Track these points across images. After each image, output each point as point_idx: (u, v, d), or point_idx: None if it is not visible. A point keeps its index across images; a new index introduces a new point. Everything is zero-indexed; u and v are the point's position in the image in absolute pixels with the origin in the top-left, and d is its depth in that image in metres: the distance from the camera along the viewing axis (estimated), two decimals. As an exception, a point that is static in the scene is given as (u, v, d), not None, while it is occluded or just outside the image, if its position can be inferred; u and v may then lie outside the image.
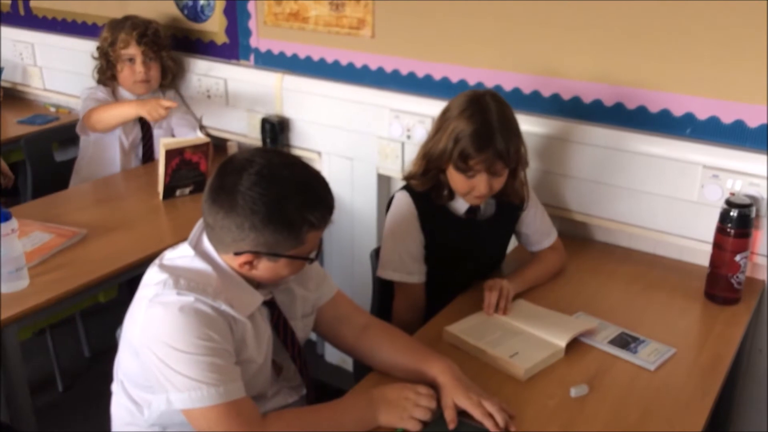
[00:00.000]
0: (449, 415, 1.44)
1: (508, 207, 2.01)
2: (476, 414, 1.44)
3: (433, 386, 1.50)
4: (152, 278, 1.41)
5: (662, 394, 1.58)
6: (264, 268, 1.43)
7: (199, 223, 1.48)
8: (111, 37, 2.78)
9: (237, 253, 1.40)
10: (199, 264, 1.43)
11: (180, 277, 1.38)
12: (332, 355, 2.98)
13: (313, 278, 1.64)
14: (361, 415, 1.44)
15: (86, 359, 3.00)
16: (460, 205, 1.96)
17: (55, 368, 2.84)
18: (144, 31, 2.77)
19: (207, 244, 1.46)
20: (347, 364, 2.79)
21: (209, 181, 1.42)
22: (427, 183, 1.92)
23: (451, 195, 1.94)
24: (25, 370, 1.92)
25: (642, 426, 1.48)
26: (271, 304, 1.53)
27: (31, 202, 2.63)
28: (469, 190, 1.87)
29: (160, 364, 1.34)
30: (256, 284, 1.49)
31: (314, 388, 1.69)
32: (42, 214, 2.36)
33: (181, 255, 1.46)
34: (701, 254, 2.04)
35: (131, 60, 2.78)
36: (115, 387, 1.53)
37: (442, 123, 1.87)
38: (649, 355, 1.69)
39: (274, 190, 1.35)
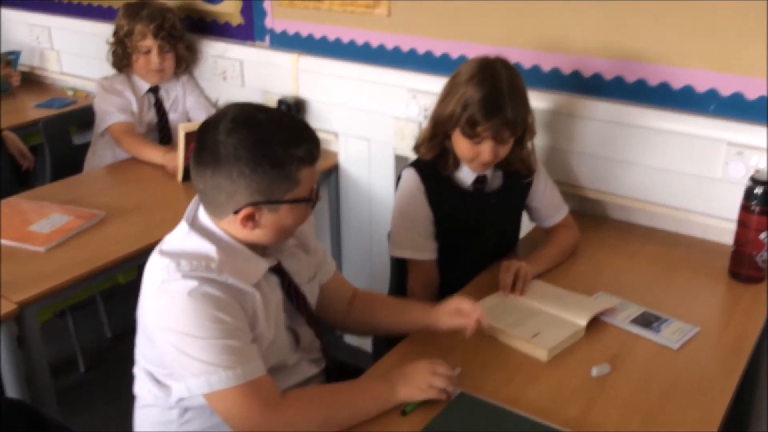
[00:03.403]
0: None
1: (516, 178, 1.99)
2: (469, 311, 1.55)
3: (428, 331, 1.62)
4: (154, 265, 1.40)
5: (685, 374, 1.56)
6: (267, 221, 1.40)
7: (195, 199, 1.47)
8: (128, 27, 2.77)
9: (236, 212, 1.37)
10: (197, 240, 1.40)
11: (181, 259, 1.36)
12: (351, 336, 2.98)
13: (312, 241, 1.65)
14: (380, 393, 1.43)
15: (107, 340, 3.03)
16: (467, 177, 1.94)
17: (76, 349, 2.87)
18: (161, 24, 2.76)
19: (204, 218, 1.44)
20: (366, 345, 2.79)
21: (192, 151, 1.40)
22: (434, 149, 1.91)
23: (457, 164, 1.92)
24: (45, 352, 1.93)
25: (664, 406, 1.47)
26: (279, 271, 1.51)
27: (50, 185, 2.64)
28: (474, 157, 1.85)
29: (175, 351, 1.34)
30: (261, 253, 1.47)
31: (334, 368, 1.69)
32: (60, 197, 2.37)
33: (178, 235, 1.44)
34: (725, 233, 2.00)
35: (147, 51, 2.78)
36: (137, 370, 1.53)
37: (451, 87, 1.85)
38: (672, 334, 1.67)
39: (253, 132, 1.34)
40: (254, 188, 1.35)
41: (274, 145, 1.34)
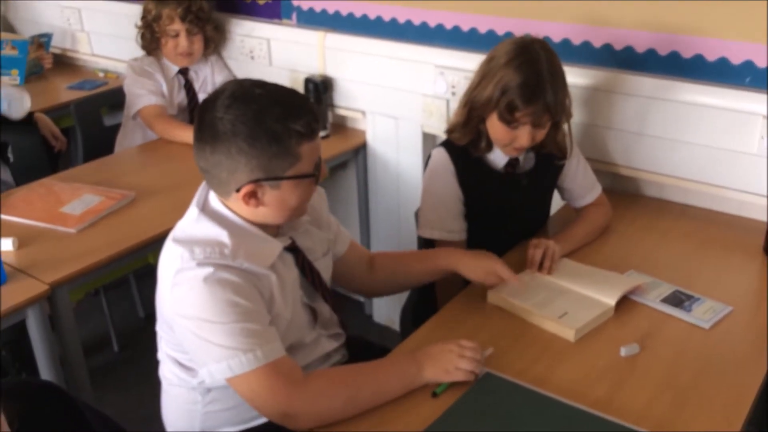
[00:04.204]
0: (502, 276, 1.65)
1: (548, 160, 1.95)
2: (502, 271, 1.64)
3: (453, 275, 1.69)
4: (169, 254, 1.40)
5: (717, 354, 1.53)
6: (271, 199, 1.38)
7: (203, 183, 1.47)
8: (155, 11, 2.77)
9: (238, 190, 1.36)
10: (208, 226, 1.40)
11: (194, 246, 1.36)
12: (380, 315, 2.98)
13: (324, 216, 1.65)
14: (405, 372, 1.43)
15: (141, 320, 3.07)
16: (499, 159, 1.91)
17: (110, 329, 2.92)
18: (188, 7, 2.75)
19: (214, 201, 1.44)
20: (395, 324, 2.79)
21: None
22: (468, 134, 1.88)
23: (489, 146, 1.89)
24: (78, 331, 1.96)
25: (695, 386, 1.44)
26: (293, 249, 1.51)
27: (82, 166, 2.67)
28: (509, 142, 1.82)
29: (194, 338, 1.35)
30: (274, 233, 1.47)
31: (360, 347, 1.69)
32: (92, 178, 2.40)
33: (189, 220, 1.44)
34: (761, 209, 1.96)
35: (176, 35, 2.78)
36: (161, 355, 1.55)
37: (487, 70, 1.80)
38: (704, 314, 1.64)
39: (251, 108, 1.33)
40: (254, 164, 1.34)
41: (272, 120, 1.33)
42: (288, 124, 1.33)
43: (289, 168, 1.36)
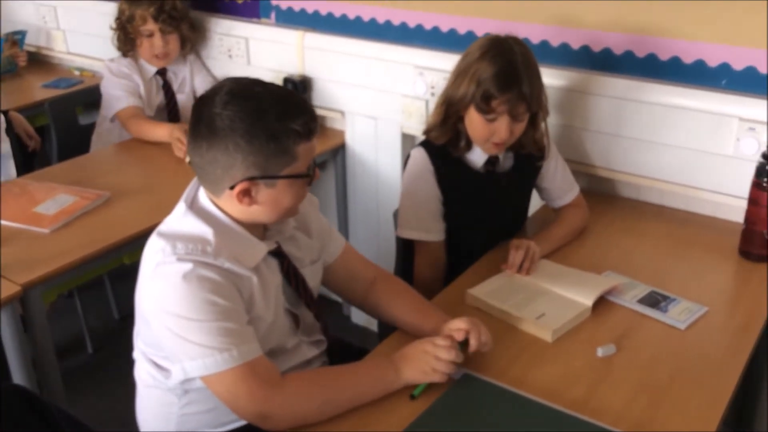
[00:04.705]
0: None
1: (527, 160, 1.96)
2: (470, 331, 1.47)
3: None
4: (151, 247, 1.38)
5: (693, 354, 1.54)
6: (264, 197, 1.37)
7: (195, 180, 1.45)
8: (128, 12, 2.74)
9: (232, 187, 1.35)
10: (194, 222, 1.39)
11: (177, 242, 1.34)
12: (358, 316, 2.97)
13: (314, 224, 1.62)
14: (382, 375, 1.42)
15: (116, 321, 3.04)
16: (478, 158, 1.91)
17: (84, 330, 2.88)
18: (161, 6, 2.72)
19: (203, 199, 1.42)
20: (373, 325, 2.77)
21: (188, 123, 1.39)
22: (446, 134, 1.87)
23: (469, 145, 1.89)
24: (53, 333, 1.93)
25: (672, 386, 1.45)
26: (278, 254, 1.50)
27: (56, 166, 2.63)
28: (488, 136, 1.82)
29: (170, 334, 1.33)
30: (261, 236, 1.46)
31: (338, 348, 1.68)
32: (66, 177, 2.37)
33: (176, 216, 1.43)
34: (736, 210, 1.97)
35: (150, 35, 2.75)
36: (136, 354, 1.53)
37: (462, 67, 1.81)
38: (679, 314, 1.65)
39: (250, 105, 1.32)
40: (250, 162, 1.33)
41: (271, 118, 1.32)
42: (287, 124, 1.33)
43: (285, 167, 1.36)
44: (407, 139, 2.60)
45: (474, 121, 1.81)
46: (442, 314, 1.58)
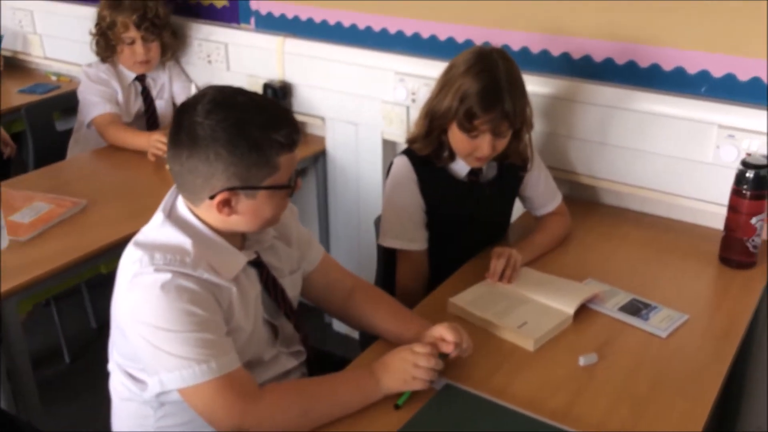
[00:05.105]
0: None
1: (511, 170, 1.95)
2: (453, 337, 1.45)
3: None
4: (128, 257, 1.36)
5: (674, 362, 1.54)
6: (244, 208, 1.36)
7: (173, 189, 1.43)
8: (110, 18, 2.70)
9: (212, 197, 1.33)
10: (172, 232, 1.36)
11: (155, 252, 1.32)
12: (340, 324, 2.94)
13: (294, 233, 1.60)
14: (362, 385, 1.41)
15: (93, 330, 3.00)
16: (461, 168, 1.90)
17: (61, 340, 2.84)
18: (143, 14, 2.69)
19: (182, 208, 1.40)
20: (355, 332, 2.75)
21: (168, 131, 1.36)
22: (430, 145, 1.86)
23: (452, 156, 1.88)
24: (29, 342, 1.90)
25: (653, 395, 1.44)
26: (258, 264, 1.48)
27: (32, 173, 2.59)
28: (471, 151, 1.81)
29: (147, 345, 1.31)
30: (240, 246, 1.44)
31: (318, 358, 1.66)
32: (43, 185, 2.33)
33: (153, 225, 1.40)
34: (716, 217, 1.97)
35: (131, 42, 2.72)
36: (111, 366, 1.50)
37: (446, 80, 1.80)
38: (660, 322, 1.65)
39: (232, 114, 1.30)
40: (231, 172, 1.31)
41: (253, 128, 1.30)
42: (270, 134, 1.31)
43: (266, 178, 1.34)
44: (388, 145, 2.59)
45: (457, 136, 1.80)
46: (423, 321, 1.57)
